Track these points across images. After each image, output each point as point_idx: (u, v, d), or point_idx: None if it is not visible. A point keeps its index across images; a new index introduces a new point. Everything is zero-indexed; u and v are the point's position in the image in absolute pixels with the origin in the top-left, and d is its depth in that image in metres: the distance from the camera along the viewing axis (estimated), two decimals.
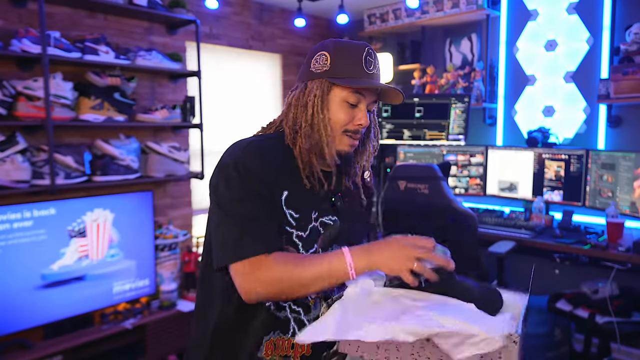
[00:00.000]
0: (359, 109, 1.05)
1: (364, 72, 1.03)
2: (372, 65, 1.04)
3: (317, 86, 1.04)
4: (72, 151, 2.56)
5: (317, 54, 1.06)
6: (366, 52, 1.04)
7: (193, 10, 3.27)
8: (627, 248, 2.36)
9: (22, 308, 2.41)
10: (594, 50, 2.98)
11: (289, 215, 1.03)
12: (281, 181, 1.03)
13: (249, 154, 1.01)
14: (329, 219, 1.10)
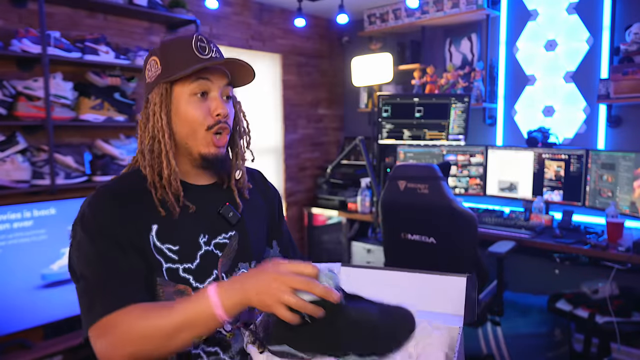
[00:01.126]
0: (211, 98, 0.95)
1: (197, 58, 0.93)
2: (205, 49, 0.95)
3: (156, 94, 0.95)
4: (72, 151, 2.56)
5: (147, 63, 0.98)
6: (195, 38, 0.95)
7: (193, 10, 3.28)
8: (627, 248, 2.36)
9: (22, 308, 2.41)
10: (594, 50, 2.98)
11: (166, 250, 0.91)
12: (145, 218, 0.92)
13: (95, 205, 0.91)
14: (224, 237, 0.98)
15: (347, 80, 4.34)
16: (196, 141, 0.95)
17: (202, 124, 0.94)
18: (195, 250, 0.94)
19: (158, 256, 0.91)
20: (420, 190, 2.28)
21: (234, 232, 1.00)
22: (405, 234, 2.39)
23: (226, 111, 0.95)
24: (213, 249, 0.96)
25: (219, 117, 0.94)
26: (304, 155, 4.30)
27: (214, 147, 0.95)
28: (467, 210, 2.23)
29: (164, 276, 0.90)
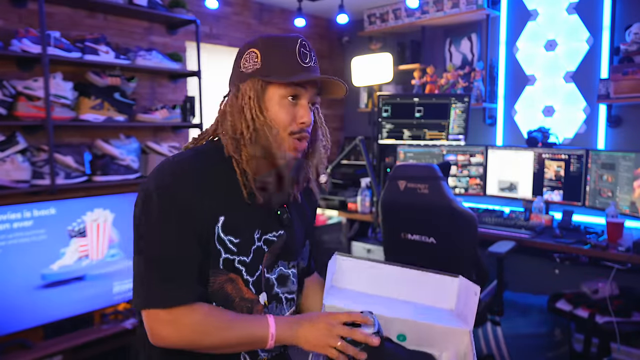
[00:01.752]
0: (300, 105, 0.97)
1: (299, 66, 0.95)
2: (307, 57, 0.96)
3: (250, 87, 0.95)
4: (72, 151, 2.56)
5: (245, 52, 0.98)
6: (299, 44, 0.96)
7: (193, 10, 3.28)
8: (627, 248, 2.36)
9: (22, 308, 2.41)
10: (593, 50, 2.98)
11: (228, 242, 0.94)
12: (216, 205, 0.93)
13: (177, 180, 0.91)
14: (273, 235, 1.02)
15: (347, 80, 4.34)
16: (277, 142, 0.95)
17: (286, 128, 0.96)
18: (251, 245, 0.98)
19: (219, 246, 0.93)
20: (420, 190, 2.28)
21: (282, 232, 1.03)
22: (405, 234, 2.39)
23: (310, 120, 0.98)
24: (262, 244, 1.00)
25: (303, 125, 0.97)
26: None
27: (294, 151, 0.97)
28: (467, 210, 2.23)
29: (219, 266, 0.94)
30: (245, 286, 0.97)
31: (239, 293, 0.96)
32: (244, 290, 0.97)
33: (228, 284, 0.95)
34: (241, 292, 0.97)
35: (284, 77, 0.93)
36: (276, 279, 1.04)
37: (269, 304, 1.02)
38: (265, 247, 1.00)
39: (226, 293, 0.95)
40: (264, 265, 1.00)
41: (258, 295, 1.00)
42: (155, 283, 0.88)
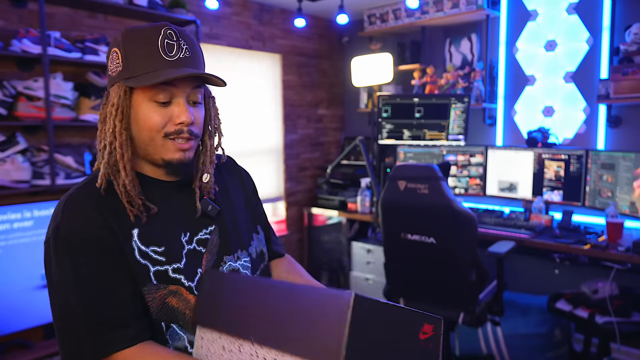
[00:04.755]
0: (175, 104, 0.86)
1: (165, 61, 0.84)
2: (173, 48, 0.85)
3: (114, 93, 0.86)
4: (72, 151, 2.56)
5: (110, 52, 0.88)
6: (163, 34, 0.84)
7: (193, 11, 3.28)
8: (626, 248, 2.36)
9: (22, 308, 2.41)
10: (593, 51, 2.98)
11: (152, 253, 0.86)
12: (126, 221, 0.86)
13: (69, 216, 0.84)
14: (205, 233, 0.95)
15: (347, 81, 4.34)
16: (156, 148, 0.88)
17: (159, 131, 0.86)
18: (180, 249, 0.90)
19: (144, 261, 0.86)
20: (420, 190, 2.28)
21: (214, 227, 0.96)
22: (405, 234, 2.39)
23: (190, 119, 0.87)
24: (196, 246, 0.93)
25: (181, 126, 0.87)
26: (304, 155, 4.30)
27: (179, 153, 0.88)
28: (467, 210, 2.23)
29: (152, 281, 0.86)
30: (191, 293, 0.89)
31: (187, 304, 0.88)
32: (191, 298, 0.89)
33: (170, 297, 0.87)
34: (188, 302, 0.88)
35: (146, 78, 0.83)
36: None
37: None
38: (200, 248, 0.93)
39: (172, 308, 0.87)
40: (207, 266, 0.93)
41: None
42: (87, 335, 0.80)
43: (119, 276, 0.83)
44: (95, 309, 0.81)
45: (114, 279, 0.83)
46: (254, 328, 0.73)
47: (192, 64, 0.87)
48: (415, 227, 2.36)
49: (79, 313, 0.80)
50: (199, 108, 0.91)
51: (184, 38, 0.87)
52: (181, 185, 0.96)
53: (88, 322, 0.80)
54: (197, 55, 0.90)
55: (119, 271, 0.84)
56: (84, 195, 0.87)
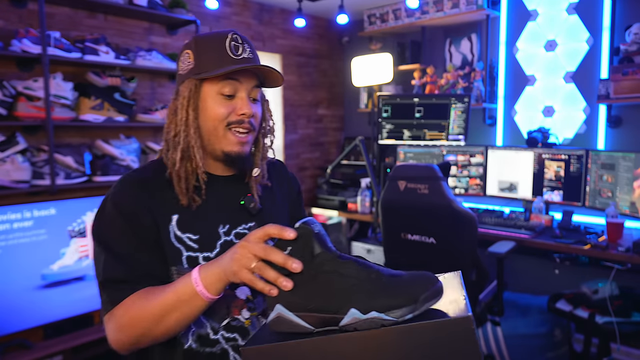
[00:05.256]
0: (238, 98, 0.96)
1: (231, 59, 0.95)
2: (239, 49, 0.96)
3: (185, 87, 0.97)
4: (72, 151, 2.56)
5: (181, 54, 1.00)
6: (230, 37, 0.96)
7: (193, 11, 3.28)
8: (626, 248, 2.36)
9: (22, 308, 2.41)
10: (593, 51, 2.98)
11: (187, 239, 0.95)
12: (168, 206, 0.95)
13: (119, 193, 0.94)
14: (244, 227, 1.01)
15: (347, 81, 4.34)
16: (218, 138, 0.96)
17: (223, 121, 0.95)
18: (215, 239, 0.97)
19: (178, 244, 0.94)
20: (420, 190, 2.28)
21: (253, 223, 1.02)
22: (405, 234, 2.39)
23: (251, 111, 0.96)
24: (233, 238, 0.99)
25: (243, 117, 0.96)
26: (304, 155, 4.30)
27: (238, 145, 0.97)
28: (467, 210, 2.23)
29: (182, 264, 0.93)
30: None
31: None
32: None
33: None
34: None
35: (215, 71, 0.93)
36: None
37: (254, 297, 1.00)
38: (237, 241, 0.96)
39: None
40: None
41: (234, 289, 0.98)
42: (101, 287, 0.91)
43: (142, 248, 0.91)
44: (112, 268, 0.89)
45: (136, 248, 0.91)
46: None
47: (254, 63, 0.98)
48: (416, 227, 2.36)
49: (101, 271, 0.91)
50: (257, 105, 1.01)
51: (247, 43, 0.99)
52: (231, 179, 1.03)
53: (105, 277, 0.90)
54: (257, 58, 1.01)
55: (145, 244, 0.92)
56: (135, 176, 0.97)
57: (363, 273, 0.72)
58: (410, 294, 0.68)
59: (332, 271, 0.72)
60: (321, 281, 0.72)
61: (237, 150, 0.97)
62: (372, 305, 0.69)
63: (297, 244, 0.74)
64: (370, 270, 0.72)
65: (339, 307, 0.70)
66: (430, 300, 0.68)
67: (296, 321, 0.72)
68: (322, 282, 0.72)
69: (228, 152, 0.97)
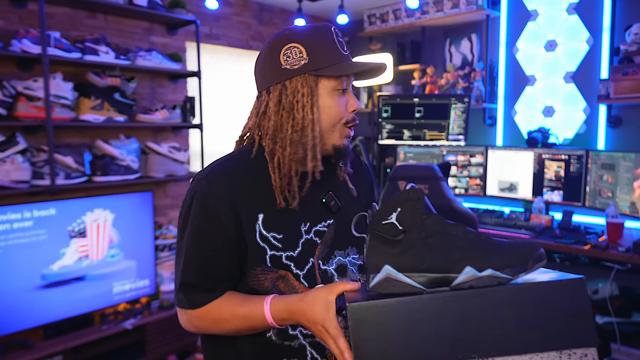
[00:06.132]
0: (347, 94, 0.98)
1: (342, 55, 0.95)
2: (343, 45, 0.96)
3: (301, 84, 0.93)
4: (72, 151, 2.56)
5: (284, 48, 0.93)
6: (334, 33, 0.95)
7: (193, 11, 3.28)
8: (627, 248, 2.36)
9: (22, 308, 2.41)
10: (593, 51, 2.98)
11: (271, 239, 0.94)
12: (254, 205, 0.94)
13: (208, 189, 0.93)
14: (323, 225, 1.00)
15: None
16: (333, 134, 0.96)
17: (341, 119, 0.96)
18: (297, 238, 0.97)
19: (263, 244, 0.94)
20: None
21: (332, 220, 1.01)
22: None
23: (359, 106, 0.98)
24: (313, 236, 0.98)
25: (354, 113, 0.98)
26: None
27: (344, 139, 0.98)
28: (467, 210, 2.23)
29: (266, 263, 0.94)
30: (297, 280, 0.96)
31: (292, 289, 0.95)
32: (296, 284, 0.95)
33: (279, 281, 0.95)
34: (294, 288, 0.95)
35: (335, 69, 0.92)
36: (335, 270, 1.00)
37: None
38: (316, 238, 0.98)
39: (279, 290, 0.94)
40: (318, 258, 0.98)
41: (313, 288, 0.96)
42: (178, 286, 0.94)
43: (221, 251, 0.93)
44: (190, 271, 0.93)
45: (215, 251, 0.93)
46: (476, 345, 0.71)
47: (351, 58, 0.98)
48: None
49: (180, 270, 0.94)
50: None
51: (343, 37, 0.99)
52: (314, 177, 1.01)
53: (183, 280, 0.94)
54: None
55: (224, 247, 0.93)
56: (223, 173, 0.95)
57: (471, 234, 0.74)
58: (522, 254, 0.71)
59: (442, 232, 0.74)
60: (432, 242, 0.73)
61: (344, 144, 0.99)
62: (486, 263, 0.70)
63: (407, 206, 0.75)
64: (477, 232, 0.75)
65: (453, 266, 0.72)
66: (538, 262, 0.72)
67: (406, 281, 0.73)
68: (433, 242, 0.73)
69: (338, 145, 0.97)
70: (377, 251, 0.76)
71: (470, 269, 0.70)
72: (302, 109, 0.93)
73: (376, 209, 0.78)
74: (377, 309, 0.72)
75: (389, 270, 0.73)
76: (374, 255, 0.76)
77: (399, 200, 0.77)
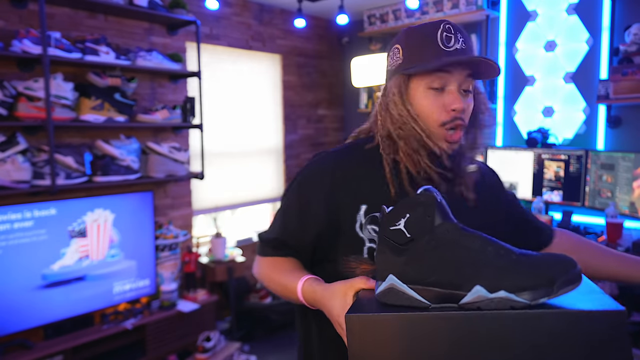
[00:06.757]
0: (448, 92, 0.91)
1: (442, 51, 0.89)
2: (451, 40, 0.90)
3: (394, 84, 0.94)
4: (72, 152, 2.56)
5: (391, 50, 0.97)
6: (442, 27, 0.90)
7: (193, 11, 3.28)
8: (626, 248, 2.36)
9: (23, 308, 2.42)
10: (593, 51, 2.98)
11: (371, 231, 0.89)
12: (358, 195, 0.94)
13: (315, 169, 1.00)
14: None
15: (347, 81, 4.35)
16: (434, 135, 0.92)
17: (436, 119, 0.91)
18: None
19: (362, 234, 0.93)
20: None
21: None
22: None
23: (462, 106, 0.90)
24: None
25: (454, 113, 0.90)
26: (304, 155, 4.30)
27: (446, 143, 0.92)
28: None
29: (362, 253, 0.93)
30: None
31: None
32: None
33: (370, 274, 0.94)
34: None
35: (423, 66, 0.89)
36: None
37: None
38: None
39: None
40: None
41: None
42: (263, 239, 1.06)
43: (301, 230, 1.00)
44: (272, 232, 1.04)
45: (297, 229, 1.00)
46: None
47: (468, 54, 0.92)
48: None
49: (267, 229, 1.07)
50: (469, 97, 0.94)
51: (461, 32, 0.92)
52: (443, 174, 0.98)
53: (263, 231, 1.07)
54: (471, 48, 0.94)
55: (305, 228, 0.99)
56: (327, 163, 1.00)
57: (490, 247, 0.65)
58: (547, 275, 0.60)
59: (455, 243, 0.66)
60: (443, 253, 0.66)
61: (445, 148, 0.93)
62: (500, 283, 0.61)
63: (417, 211, 0.69)
64: (498, 246, 0.65)
65: (462, 283, 0.64)
66: (568, 285, 0.60)
67: (410, 294, 0.67)
68: (443, 254, 0.66)
69: (439, 147, 0.93)
70: (384, 258, 0.71)
71: (479, 289, 0.62)
72: (395, 107, 0.93)
73: (386, 212, 0.73)
74: (373, 323, 0.66)
75: (393, 280, 0.68)
76: (381, 263, 0.71)
77: (409, 205, 0.70)
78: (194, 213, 3.43)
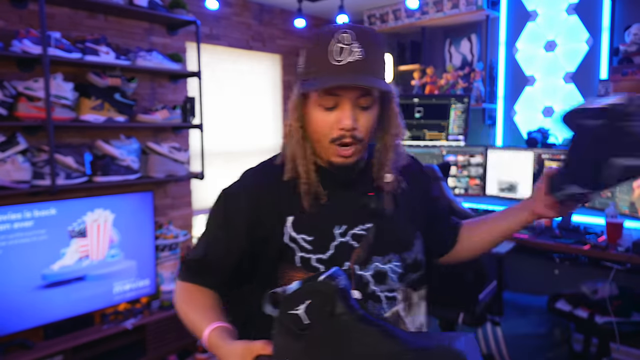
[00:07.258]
0: (340, 109, 0.88)
1: (331, 66, 0.85)
2: (341, 52, 0.84)
3: (295, 92, 0.93)
4: (72, 152, 2.56)
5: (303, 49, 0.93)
6: (335, 38, 0.85)
7: (193, 11, 3.28)
8: (626, 248, 2.36)
9: (23, 308, 2.42)
10: (593, 51, 2.98)
11: (301, 240, 0.93)
12: (282, 208, 0.94)
13: (235, 187, 1.00)
14: (361, 228, 0.95)
15: None
16: (322, 149, 0.93)
17: (326, 135, 0.90)
18: (329, 241, 0.93)
19: (292, 244, 0.93)
20: None
21: (371, 224, 0.95)
22: None
23: (350, 125, 0.87)
24: (350, 239, 0.94)
25: (343, 132, 0.89)
26: None
27: (340, 158, 0.92)
28: (467, 210, 2.23)
29: (294, 263, 0.93)
30: None
31: None
32: None
33: None
34: None
35: (311, 83, 0.87)
36: (372, 276, 0.94)
37: (364, 302, 0.95)
38: (354, 242, 0.94)
39: None
40: (355, 262, 0.93)
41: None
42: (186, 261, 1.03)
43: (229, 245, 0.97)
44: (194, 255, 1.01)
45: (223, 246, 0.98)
46: None
47: (361, 69, 0.85)
48: None
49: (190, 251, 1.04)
50: (367, 112, 0.91)
51: (361, 40, 0.85)
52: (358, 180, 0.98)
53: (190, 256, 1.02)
54: (370, 59, 0.86)
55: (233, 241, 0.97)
56: (250, 177, 1.00)
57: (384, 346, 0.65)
58: None
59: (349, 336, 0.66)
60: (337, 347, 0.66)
61: (340, 162, 0.92)
62: None
63: (317, 299, 0.68)
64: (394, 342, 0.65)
65: None
66: None
67: None
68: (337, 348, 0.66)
69: (332, 162, 0.93)
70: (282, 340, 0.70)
71: None
72: (290, 116, 0.94)
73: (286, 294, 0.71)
74: None
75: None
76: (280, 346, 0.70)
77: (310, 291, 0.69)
78: (194, 213, 3.43)
